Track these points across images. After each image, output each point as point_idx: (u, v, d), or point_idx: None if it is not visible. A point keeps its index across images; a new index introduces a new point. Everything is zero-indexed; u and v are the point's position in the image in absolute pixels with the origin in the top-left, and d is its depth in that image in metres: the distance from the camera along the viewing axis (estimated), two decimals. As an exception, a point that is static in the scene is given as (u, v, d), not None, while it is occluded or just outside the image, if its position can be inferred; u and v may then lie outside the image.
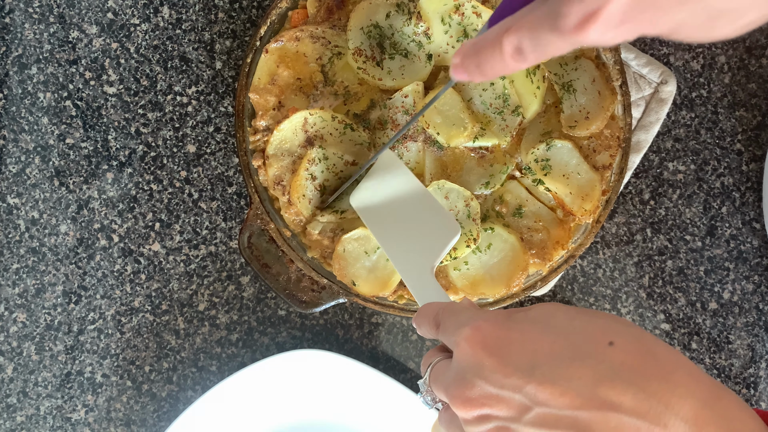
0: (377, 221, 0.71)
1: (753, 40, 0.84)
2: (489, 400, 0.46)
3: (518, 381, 0.45)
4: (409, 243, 0.68)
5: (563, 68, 0.76)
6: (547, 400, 0.44)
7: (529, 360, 0.46)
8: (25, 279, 0.82)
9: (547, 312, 0.48)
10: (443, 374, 0.50)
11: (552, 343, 0.46)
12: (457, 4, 0.73)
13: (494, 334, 0.47)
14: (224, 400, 0.80)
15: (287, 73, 0.75)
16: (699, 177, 0.84)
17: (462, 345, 0.48)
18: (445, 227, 0.67)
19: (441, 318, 0.53)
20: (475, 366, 0.47)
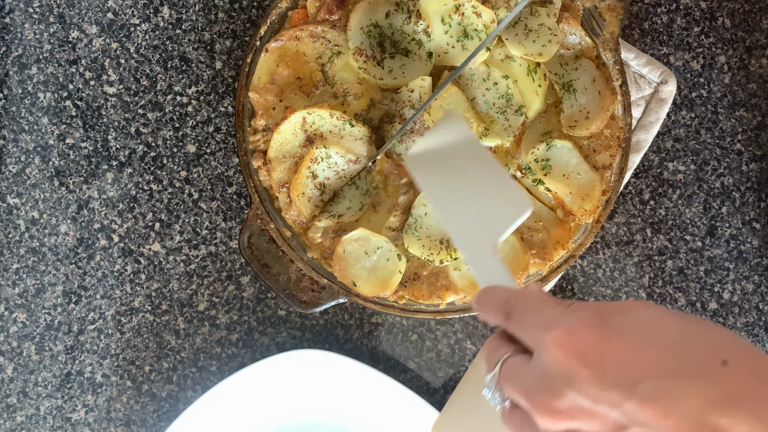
0: (433, 184, 0.65)
1: (753, 40, 0.84)
2: (580, 414, 0.42)
3: (617, 396, 0.41)
4: (470, 214, 0.61)
5: (563, 68, 0.76)
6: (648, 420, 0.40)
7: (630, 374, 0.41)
8: (25, 279, 0.82)
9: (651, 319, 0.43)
10: (521, 375, 0.46)
11: (658, 357, 0.41)
12: (457, 4, 0.73)
13: (591, 342, 0.43)
14: (224, 400, 0.80)
15: (287, 72, 0.75)
16: (699, 177, 0.84)
17: (552, 350, 0.43)
18: (514, 202, 0.60)
19: (517, 309, 0.48)
20: (567, 375, 0.42)
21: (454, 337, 0.84)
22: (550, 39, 0.73)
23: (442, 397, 0.84)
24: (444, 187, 0.65)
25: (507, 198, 0.61)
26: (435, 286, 0.75)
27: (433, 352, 0.84)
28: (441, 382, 0.84)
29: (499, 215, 0.60)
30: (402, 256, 0.74)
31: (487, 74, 0.74)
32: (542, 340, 0.44)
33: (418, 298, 0.75)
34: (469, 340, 0.84)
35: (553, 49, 0.73)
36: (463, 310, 0.76)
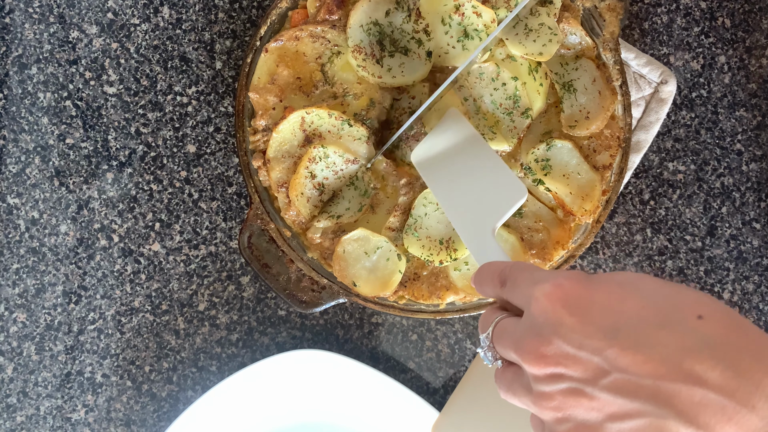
0: (437, 178, 0.70)
1: (753, 40, 0.84)
2: (565, 360, 0.44)
3: (599, 343, 0.43)
4: (471, 203, 0.67)
5: (564, 68, 0.76)
6: (628, 366, 0.42)
7: (612, 322, 0.44)
8: (25, 279, 0.82)
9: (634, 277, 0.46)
10: (512, 330, 0.48)
11: (639, 308, 0.44)
12: (457, 4, 0.73)
13: (576, 293, 0.45)
14: (224, 400, 0.80)
15: (287, 72, 0.75)
16: (699, 177, 0.84)
17: (541, 300, 0.46)
18: (511, 189, 0.66)
19: (510, 274, 0.51)
20: (553, 323, 0.45)
21: (454, 337, 0.84)
22: (551, 38, 0.73)
23: (442, 397, 0.84)
24: (446, 179, 0.70)
25: (504, 187, 0.66)
26: (435, 286, 0.75)
27: (433, 352, 0.84)
28: (441, 382, 0.84)
29: (496, 202, 0.66)
30: (402, 256, 0.74)
31: (496, 74, 0.74)
32: (532, 293, 0.47)
33: (418, 298, 0.75)
34: (469, 340, 0.84)
35: (553, 49, 0.73)
36: (463, 310, 0.76)
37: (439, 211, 0.74)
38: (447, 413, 0.79)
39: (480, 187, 0.68)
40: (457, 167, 0.70)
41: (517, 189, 0.66)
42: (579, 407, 0.44)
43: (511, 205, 0.65)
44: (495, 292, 0.53)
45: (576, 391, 0.44)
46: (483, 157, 0.69)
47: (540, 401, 0.46)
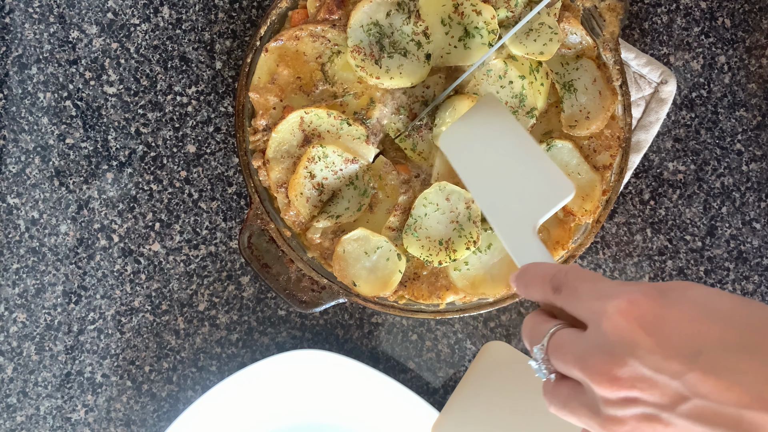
0: (469, 166, 0.66)
1: (753, 40, 0.84)
2: (641, 383, 0.42)
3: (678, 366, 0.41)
4: (509, 196, 0.62)
5: (564, 67, 0.76)
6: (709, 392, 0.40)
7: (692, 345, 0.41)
8: (25, 279, 0.82)
9: (710, 295, 0.44)
10: (574, 345, 0.46)
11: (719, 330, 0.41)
12: (455, 4, 0.73)
13: (653, 311, 0.43)
14: (224, 400, 0.80)
15: (287, 72, 0.75)
16: (699, 177, 0.84)
17: (614, 317, 0.43)
18: (556, 184, 0.61)
19: (567, 281, 0.48)
20: (628, 343, 0.42)
21: (454, 337, 0.84)
22: (551, 38, 0.73)
23: (442, 397, 0.84)
24: (480, 167, 0.65)
25: (549, 180, 0.62)
26: (435, 286, 0.75)
27: (433, 352, 0.84)
28: (441, 382, 0.84)
29: (539, 197, 0.61)
30: (402, 255, 0.74)
31: (503, 72, 0.74)
32: (603, 309, 0.44)
33: (418, 298, 0.75)
34: (469, 340, 0.84)
35: (554, 48, 0.73)
36: (463, 310, 0.76)
37: (439, 211, 0.74)
38: (447, 413, 0.79)
39: (520, 179, 0.63)
40: (494, 156, 0.65)
41: (563, 184, 0.61)
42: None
43: (557, 201, 0.61)
44: (544, 297, 0.50)
45: (651, 417, 0.42)
46: (524, 148, 0.64)
47: (610, 425, 0.44)
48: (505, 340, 0.84)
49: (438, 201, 0.74)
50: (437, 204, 0.74)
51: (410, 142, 0.76)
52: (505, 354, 0.81)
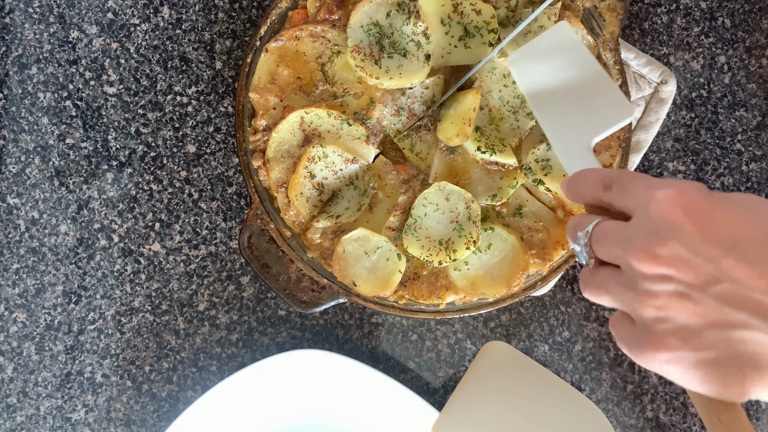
0: (533, 85, 0.69)
1: (753, 40, 0.84)
2: (678, 263, 0.45)
3: (716, 252, 0.44)
4: (569, 114, 0.66)
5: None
6: (740, 278, 0.43)
7: (731, 235, 0.45)
8: (25, 279, 0.82)
9: (756, 199, 0.47)
10: (619, 230, 0.49)
11: (759, 225, 0.45)
12: (455, 4, 0.73)
13: (699, 202, 0.46)
14: (224, 400, 0.80)
15: (287, 72, 0.75)
16: (699, 177, 0.84)
17: (663, 202, 0.47)
18: (616, 106, 0.65)
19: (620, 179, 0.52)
20: (672, 226, 0.46)
21: (454, 337, 0.84)
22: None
23: (442, 397, 0.84)
24: (545, 88, 0.69)
25: (609, 102, 0.65)
26: (435, 286, 0.75)
27: (433, 352, 0.84)
28: (441, 382, 0.84)
29: (599, 117, 0.65)
30: (402, 255, 0.74)
31: (508, 70, 0.74)
32: (653, 195, 0.47)
33: (418, 298, 0.75)
34: (469, 340, 0.84)
35: None
36: (463, 310, 0.76)
37: (439, 211, 0.74)
38: (447, 413, 0.79)
39: (582, 99, 0.67)
40: (559, 77, 0.69)
41: (624, 107, 0.65)
42: (682, 310, 0.45)
43: (615, 122, 0.64)
44: (595, 195, 0.53)
45: (683, 295, 0.45)
46: (590, 72, 0.67)
47: (644, 298, 0.47)
48: (505, 340, 0.84)
49: (438, 201, 0.74)
50: (437, 204, 0.74)
51: (408, 143, 0.76)
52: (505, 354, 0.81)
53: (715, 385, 0.46)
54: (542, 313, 0.84)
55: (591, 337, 0.84)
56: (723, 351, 0.45)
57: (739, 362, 0.44)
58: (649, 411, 0.84)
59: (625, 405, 0.84)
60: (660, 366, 0.47)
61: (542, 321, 0.84)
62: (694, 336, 0.45)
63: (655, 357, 0.47)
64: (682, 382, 0.47)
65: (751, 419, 0.84)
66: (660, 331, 0.46)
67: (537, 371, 0.81)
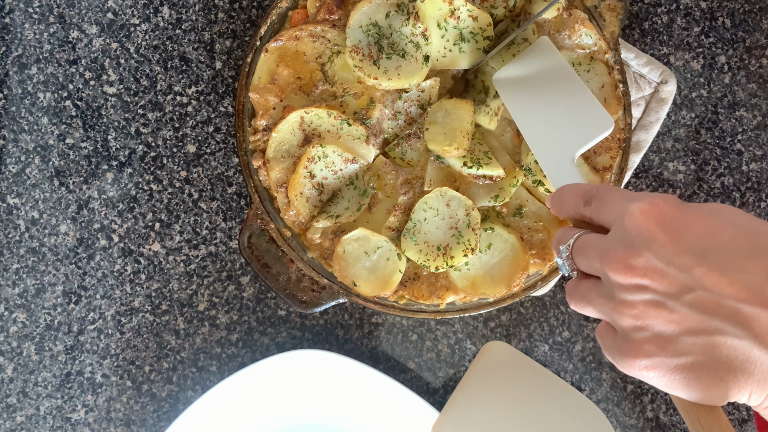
0: (518, 101, 0.71)
1: (753, 40, 0.84)
2: (652, 273, 0.47)
3: (688, 261, 0.46)
4: (553, 128, 0.68)
5: (575, 68, 0.75)
6: (712, 285, 0.45)
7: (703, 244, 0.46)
8: (25, 279, 0.82)
9: (728, 208, 0.48)
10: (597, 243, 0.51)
11: (731, 235, 0.46)
12: (452, 9, 0.73)
13: (671, 213, 0.48)
14: (224, 400, 0.80)
15: (287, 72, 0.75)
16: (699, 177, 0.84)
17: (636, 215, 0.48)
18: (596, 119, 0.67)
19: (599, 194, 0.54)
20: (645, 237, 0.47)
21: (454, 337, 0.84)
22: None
23: (442, 397, 0.84)
24: (529, 103, 0.71)
25: (589, 116, 0.68)
26: (435, 286, 0.75)
27: (433, 352, 0.84)
28: (441, 382, 0.84)
29: (580, 131, 0.67)
30: (402, 255, 0.74)
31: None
32: (627, 209, 0.49)
33: (418, 298, 0.75)
34: (469, 340, 0.84)
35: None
36: (463, 310, 0.76)
37: (439, 216, 0.74)
38: (447, 413, 0.79)
39: (565, 114, 0.69)
40: (542, 93, 0.71)
41: (603, 120, 0.67)
42: (658, 318, 0.47)
43: (596, 135, 0.67)
44: (576, 210, 0.56)
45: (658, 304, 0.47)
46: (571, 86, 0.70)
47: (621, 308, 0.48)
48: (505, 340, 0.84)
49: (438, 206, 0.74)
50: (437, 209, 0.74)
51: (399, 152, 0.76)
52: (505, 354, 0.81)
53: (694, 390, 0.47)
54: (542, 313, 0.84)
55: (591, 337, 0.84)
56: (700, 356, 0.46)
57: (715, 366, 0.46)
58: (649, 411, 0.84)
59: (625, 405, 0.84)
60: (640, 372, 0.48)
61: (542, 321, 0.84)
62: (671, 342, 0.47)
63: (634, 364, 0.48)
64: (662, 386, 0.48)
65: (750, 419, 0.84)
66: (638, 338, 0.48)
67: (537, 371, 0.81)
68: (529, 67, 0.72)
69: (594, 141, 0.67)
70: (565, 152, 0.67)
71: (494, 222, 0.75)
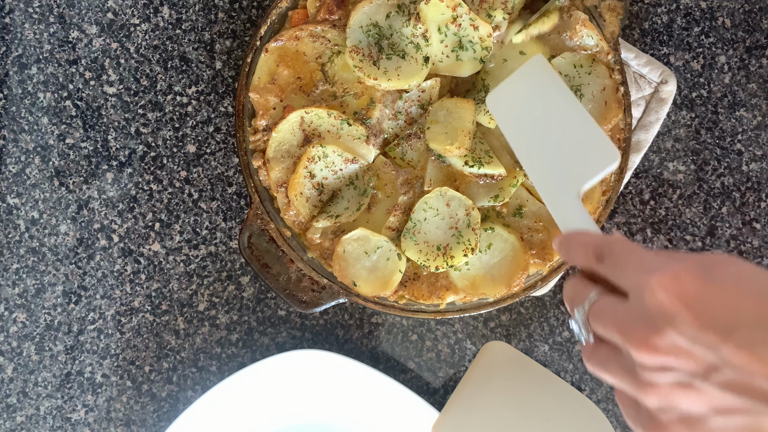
0: (515, 127, 0.66)
1: (753, 40, 0.84)
2: (677, 352, 0.45)
3: (714, 338, 0.43)
4: (555, 160, 0.63)
5: (576, 70, 0.75)
6: (742, 364, 0.43)
7: (728, 319, 0.44)
8: (25, 279, 0.82)
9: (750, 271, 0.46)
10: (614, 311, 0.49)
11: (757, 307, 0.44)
12: (454, 15, 0.73)
13: (694, 287, 0.45)
14: (224, 400, 0.80)
15: (287, 72, 0.75)
16: (699, 177, 0.84)
17: (657, 291, 0.45)
18: (603, 151, 0.61)
19: (612, 252, 0.51)
20: (668, 315, 0.45)
21: (454, 337, 0.84)
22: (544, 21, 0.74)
23: (442, 397, 0.84)
24: (526, 129, 0.66)
25: (595, 146, 0.62)
26: (435, 286, 0.75)
27: (433, 352, 0.84)
28: (441, 382, 0.84)
29: (585, 163, 0.62)
30: (402, 255, 0.74)
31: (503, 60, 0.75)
32: (646, 282, 0.46)
33: (418, 298, 0.75)
34: (469, 340, 0.84)
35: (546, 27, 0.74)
36: (463, 310, 0.76)
37: (439, 216, 0.74)
38: (447, 413, 0.79)
39: (566, 144, 0.63)
40: (540, 119, 0.65)
41: (609, 151, 0.61)
42: (686, 399, 0.45)
43: (601, 169, 0.61)
44: (587, 263, 0.52)
45: (685, 385, 0.45)
46: (571, 113, 0.64)
47: (646, 388, 0.46)
48: (505, 340, 0.84)
49: (438, 206, 0.74)
50: (437, 209, 0.74)
51: (399, 152, 0.76)
52: (505, 354, 0.81)
53: None
54: (542, 313, 0.84)
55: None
56: None
57: None
58: (649, 411, 0.84)
59: (625, 405, 0.84)
60: None
61: (542, 321, 0.84)
62: (700, 422, 0.45)
63: None
64: None
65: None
66: (665, 420, 0.46)
67: (537, 371, 0.81)
68: (524, 88, 0.67)
69: (600, 176, 0.61)
70: (568, 187, 0.61)
71: (494, 222, 0.75)
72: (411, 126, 0.76)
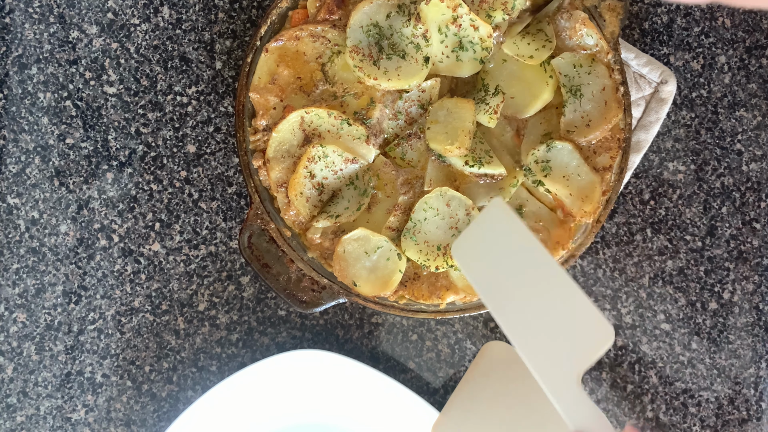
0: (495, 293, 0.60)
1: (753, 40, 0.84)
2: None
3: None
4: (545, 337, 0.57)
5: (576, 70, 0.75)
6: None
7: None
8: (25, 279, 0.82)
9: None
10: None
11: None
12: (455, 16, 0.73)
13: None
14: (224, 400, 0.80)
15: (287, 72, 0.75)
16: (699, 177, 0.84)
17: None
18: (594, 329, 0.56)
19: None
20: None
21: (454, 337, 0.84)
22: (544, 45, 0.73)
23: (442, 397, 0.84)
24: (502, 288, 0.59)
25: (584, 323, 0.57)
26: (435, 286, 0.75)
27: (433, 352, 0.84)
28: (441, 382, 0.84)
29: (577, 343, 0.56)
30: (402, 255, 0.74)
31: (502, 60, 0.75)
32: None
33: (418, 298, 0.75)
34: (469, 340, 0.84)
35: (544, 55, 0.73)
36: (463, 310, 0.76)
37: (439, 216, 0.74)
38: (447, 413, 0.79)
39: (553, 317, 0.57)
40: (516, 276, 0.59)
41: (603, 329, 0.56)
42: None
43: (599, 348, 0.56)
44: None
45: None
46: (553, 283, 0.57)
47: None
48: (505, 340, 0.84)
49: (438, 206, 0.74)
50: (437, 209, 0.74)
51: (399, 151, 0.76)
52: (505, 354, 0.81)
53: None
54: (542, 313, 0.84)
55: (591, 337, 0.84)
56: None
57: None
58: (649, 411, 0.84)
59: (625, 405, 0.84)
60: None
61: (542, 321, 0.84)
62: None
63: None
64: None
65: (751, 419, 0.85)
66: None
67: (537, 371, 0.81)
68: (492, 239, 0.60)
69: (597, 356, 0.56)
70: (567, 371, 0.56)
71: (494, 222, 0.75)
72: (411, 126, 0.76)
